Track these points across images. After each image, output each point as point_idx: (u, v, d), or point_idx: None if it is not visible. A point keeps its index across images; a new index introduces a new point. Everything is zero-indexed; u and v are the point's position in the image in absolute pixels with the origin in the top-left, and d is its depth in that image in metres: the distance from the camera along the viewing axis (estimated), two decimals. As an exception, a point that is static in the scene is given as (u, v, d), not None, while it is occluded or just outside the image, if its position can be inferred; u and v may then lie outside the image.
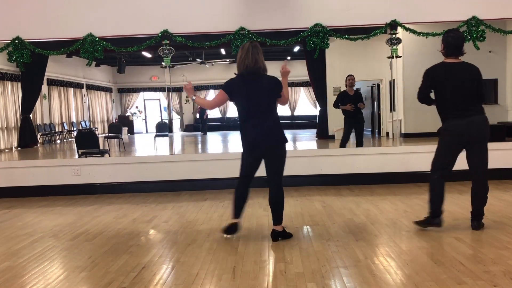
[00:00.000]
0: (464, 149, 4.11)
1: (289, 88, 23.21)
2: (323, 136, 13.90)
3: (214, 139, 16.84)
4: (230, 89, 4.05)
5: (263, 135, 3.98)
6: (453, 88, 3.99)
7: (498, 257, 3.40)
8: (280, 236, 4.06)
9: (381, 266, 3.33)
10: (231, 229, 4.22)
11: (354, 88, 8.39)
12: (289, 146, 4.31)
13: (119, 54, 17.91)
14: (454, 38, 4.05)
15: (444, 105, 4.08)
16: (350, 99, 8.10)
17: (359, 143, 8.30)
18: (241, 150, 4.18)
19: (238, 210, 4.25)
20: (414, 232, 4.20)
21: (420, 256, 3.53)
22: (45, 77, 15.51)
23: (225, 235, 4.24)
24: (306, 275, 3.21)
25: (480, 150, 4.06)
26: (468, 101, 4.01)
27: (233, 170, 6.92)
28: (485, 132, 4.03)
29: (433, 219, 4.18)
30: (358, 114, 8.25)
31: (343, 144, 8.31)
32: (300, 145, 13.34)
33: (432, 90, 4.18)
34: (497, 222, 4.42)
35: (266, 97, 4.01)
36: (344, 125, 8.42)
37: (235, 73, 4.09)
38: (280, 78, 4.14)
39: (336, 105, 8.29)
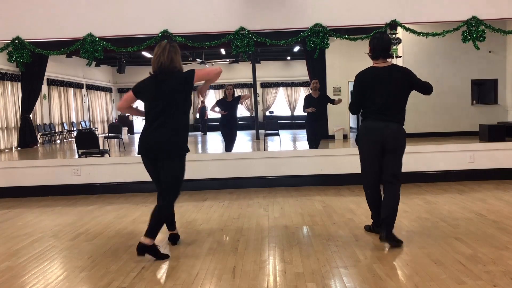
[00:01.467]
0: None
1: (289, 88, 23.51)
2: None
3: (214, 139, 16.83)
4: (137, 89, 3.78)
5: (157, 142, 3.65)
6: (381, 92, 3.82)
7: (498, 257, 3.40)
8: (146, 251, 3.61)
9: (381, 266, 3.33)
10: (172, 239, 4.06)
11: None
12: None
13: (119, 54, 17.91)
14: (379, 39, 3.92)
15: (369, 109, 3.91)
16: (314, 102, 8.27)
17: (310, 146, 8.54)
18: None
19: (168, 223, 4.04)
20: (414, 232, 4.21)
21: (420, 256, 3.53)
22: (45, 77, 15.52)
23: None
24: (306, 275, 3.21)
25: (394, 157, 3.86)
26: (393, 106, 3.84)
27: (233, 170, 6.98)
28: (400, 141, 3.85)
29: (377, 228, 4.10)
30: (318, 118, 8.46)
31: (310, 145, 8.55)
32: (300, 145, 13.33)
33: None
34: (497, 222, 4.42)
35: (172, 100, 3.63)
36: (306, 127, 8.66)
37: (150, 72, 3.79)
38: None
39: (304, 108, 8.43)
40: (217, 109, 8.67)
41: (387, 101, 3.82)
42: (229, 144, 8.67)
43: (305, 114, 8.46)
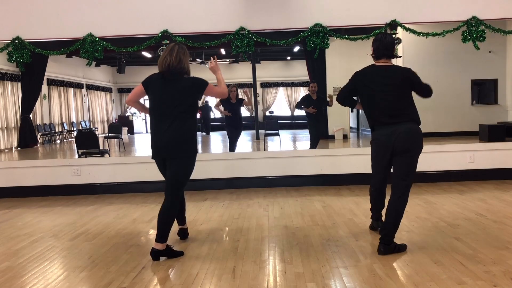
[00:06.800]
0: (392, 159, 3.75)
1: (289, 88, 23.48)
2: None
3: (214, 139, 16.84)
4: (146, 84, 3.74)
5: (166, 143, 3.62)
6: (380, 92, 3.69)
7: (498, 257, 3.40)
8: (160, 255, 3.66)
9: (381, 266, 3.33)
10: (181, 234, 4.22)
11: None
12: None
13: (119, 54, 17.91)
14: (381, 40, 3.80)
15: (371, 112, 3.78)
16: (314, 103, 8.55)
17: (312, 146, 8.91)
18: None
19: (178, 218, 4.12)
20: (414, 232, 4.21)
21: (420, 256, 3.53)
22: (45, 77, 15.51)
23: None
24: (306, 275, 3.21)
25: (401, 161, 3.65)
26: (396, 107, 3.66)
27: (233, 170, 6.98)
28: (410, 143, 3.60)
29: (375, 222, 4.29)
30: (321, 119, 9.11)
31: (313, 145, 8.90)
32: (300, 145, 13.33)
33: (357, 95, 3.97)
34: (497, 222, 4.42)
35: (180, 102, 3.62)
36: (309, 128, 9.05)
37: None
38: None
39: (299, 106, 8.73)
40: (221, 107, 8.57)
41: (386, 102, 3.66)
42: (233, 143, 8.72)
43: (304, 114, 8.68)
